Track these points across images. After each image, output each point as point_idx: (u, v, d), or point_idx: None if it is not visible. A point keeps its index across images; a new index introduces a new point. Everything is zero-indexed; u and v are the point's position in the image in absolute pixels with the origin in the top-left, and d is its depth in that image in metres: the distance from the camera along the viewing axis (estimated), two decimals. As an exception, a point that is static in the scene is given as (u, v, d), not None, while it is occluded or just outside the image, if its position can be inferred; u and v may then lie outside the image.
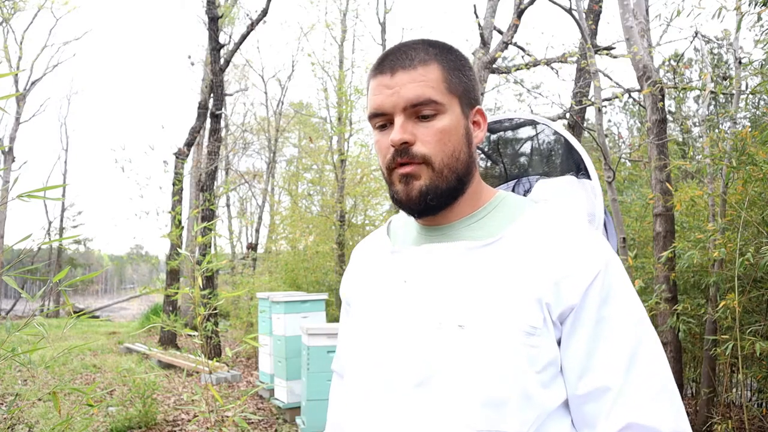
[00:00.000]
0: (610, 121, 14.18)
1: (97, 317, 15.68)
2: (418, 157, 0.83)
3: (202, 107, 10.18)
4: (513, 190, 1.09)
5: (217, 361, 6.63)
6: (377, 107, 0.86)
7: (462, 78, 0.88)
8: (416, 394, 0.80)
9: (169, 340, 9.70)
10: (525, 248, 0.82)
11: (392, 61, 0.86)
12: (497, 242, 0.84)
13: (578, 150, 1.07)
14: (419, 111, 0.83)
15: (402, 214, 1.00)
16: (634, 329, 0.80)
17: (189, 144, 10.15)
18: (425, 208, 0.86)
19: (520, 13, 6.16)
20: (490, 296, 0.80)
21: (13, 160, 16.59)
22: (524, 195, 1.06)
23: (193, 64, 13.09)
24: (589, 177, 1.04)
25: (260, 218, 15.87)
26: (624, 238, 4.18)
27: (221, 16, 8.92)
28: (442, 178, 0.84)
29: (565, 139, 1.09)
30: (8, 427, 4.39)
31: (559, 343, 0.81)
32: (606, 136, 4.87)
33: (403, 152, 0.84)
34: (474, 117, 0.90)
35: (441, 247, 0.87)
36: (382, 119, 0.86)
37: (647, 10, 4.85)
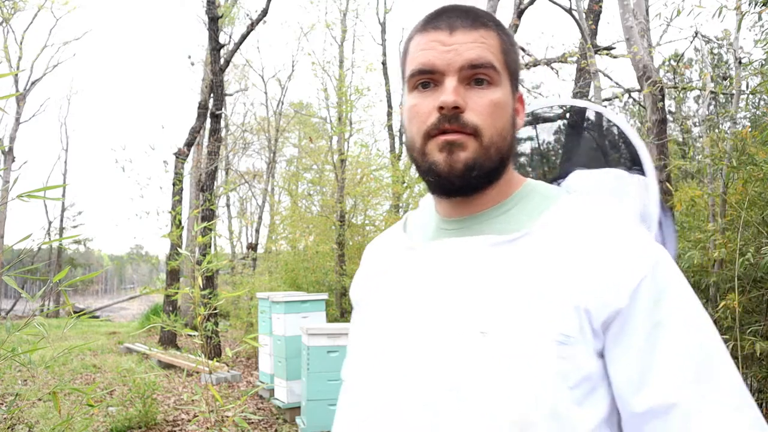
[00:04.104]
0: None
1: (97, 317, 15.68)
2: (469, 127, 0.73)
3: (202, 107, 10.18)
4: None
5: (217, 361, 6.63)
6: (426, 63, 0.75)
7: (515, 57, 0.81)
8: (436, 409, 0.71)
9: (169, 340, 9.70)
10: (558, 244, 0.72)
11: (450, 18, 0.76)
12: (526, 236, 0.73)
13: (633, 140, 0.93)
14: (476, 75, 0.75)
15: (421, 209, 0.91)
16: (698, 334, 0.69)
17: (189, 144, 10.16)
18: (466, 184, 0.76)
19: (520, 13, 6.16)
20: (516, 299, 0.70)
21: (13, 160, 16.60)
22: None
23: (193, 64, 13.09)
24: (643, 172, 0.90)
25: (260, 218, 15.88)
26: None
27: (221, 16, 8.92)
28: (488, 156, 0.75)
29: (618, 129, 0.96)
30: (8, 427, 4.39)
31: (600, 354, 0.70)
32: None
33: (452, 118, 0.73)
34: (515, 103, 0.81)
35: (462, 242, 0.77)
36: (426, 77, 0.76)
37: (647, 10, 4.85)
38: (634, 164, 0.92)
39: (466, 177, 0.74)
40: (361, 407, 0.79)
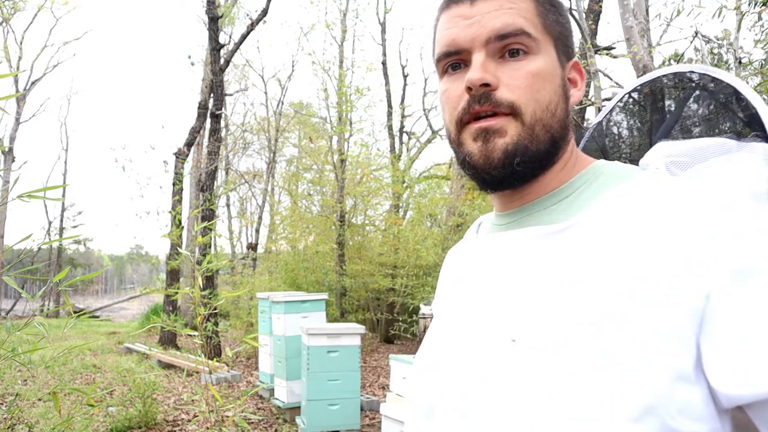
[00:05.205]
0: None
1: (97, 317, 15.69)
2: (503, 105, 0.63)
3: (202, 107, 10.18)
4: None
5: (217, 361, 6.64)
6: (449, 42, 0.66)
7: (559, 19, 0.68)
8: (460, 425, 0.61)
9: (169, 340, 9.70)
10: (618, 230, 0.58)
11: None
12: (577, 225, 0.61)
13: (751, 99, 0.71)
14: (507, 46, 0.64)
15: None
16: None
17: (189, 144, 10.16)
18: (509, 175, 0.64)
19: (520, 13, 6.16)
20: (555, 301, 0.58)
21: (13, 160, 16.60)
22: None
23: (193, 64, 13.09)
24: (765, 138, 0.69)
25: (260, 218, 15.89)
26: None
27: (221, 16, 8.93)
28: (533, 136, 0.63)
29: (733, 88, 0.73)
30: (8, 427, 4.39)
31: (694, 379, 0.52)
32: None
33: (482, 98, 0.63)
34: (570, 72, 0.69)
35: (506, 236, 0.67)
36: (454, 58, 0.67)
37: (647, 10, 4.85)
38: (749, 129, 0.72)
39: (507, 167, 0.64)
40: (411, 412, 0.74)
